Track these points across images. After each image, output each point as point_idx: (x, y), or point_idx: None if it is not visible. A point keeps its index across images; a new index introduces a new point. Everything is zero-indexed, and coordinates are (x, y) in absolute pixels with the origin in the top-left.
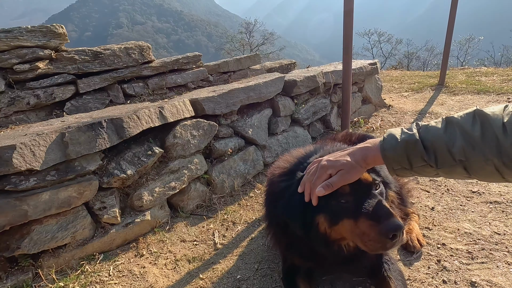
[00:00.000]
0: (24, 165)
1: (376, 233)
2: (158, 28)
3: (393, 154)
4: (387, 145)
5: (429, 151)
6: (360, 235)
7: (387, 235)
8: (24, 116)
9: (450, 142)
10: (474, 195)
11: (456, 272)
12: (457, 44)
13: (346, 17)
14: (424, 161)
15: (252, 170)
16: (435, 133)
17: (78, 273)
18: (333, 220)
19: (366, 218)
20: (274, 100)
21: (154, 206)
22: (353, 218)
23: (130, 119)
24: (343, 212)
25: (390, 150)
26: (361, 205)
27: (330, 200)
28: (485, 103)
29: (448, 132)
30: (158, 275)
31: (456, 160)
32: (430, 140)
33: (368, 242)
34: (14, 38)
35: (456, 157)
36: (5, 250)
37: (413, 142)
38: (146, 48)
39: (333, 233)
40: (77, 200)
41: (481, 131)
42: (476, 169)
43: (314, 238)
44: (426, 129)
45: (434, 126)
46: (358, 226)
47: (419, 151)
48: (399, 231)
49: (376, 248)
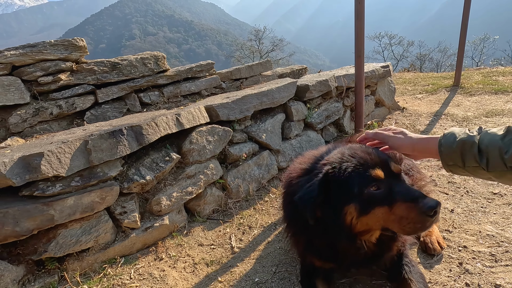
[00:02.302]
0: (51, 172)
1: (416, 213)
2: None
3: (448, 150)
4: (445, 141)
5: (482, 154)
6: (398, 220)
7: (428, 213)
8: (48, 126)
9: (504, 148)
10: (495, 196)
11: (479, 275)
12: (471, 44)
13: (357, 20)
14: (477, 163)
15: (266, 175)
16: (492, 138)
17: (101, 276)
18: (363, 210)
19: (403, 201)
20: (287, 105)
21: (172, 210)
22: (387, 204)
23: (149, 126)
24: (375, 200)
25: (447, 146)
26: (394, 191)
27: (362, 188)
28: (503, 103)
29: (505, 139)
30: (177, 278)
31: (507, 167)
32: (485, 144)
33: (407, 225)
34: (38, 52)
35: (507, 163)
36: (33, 254)
37: (470, 143)
38: (161, 58)
39: (359, 225)
40: (99, 205)
41: None
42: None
43: (338, 230)
44: (486, 133)
45: (494, 132)
46: (394, 211)
47: (473, 152)
48: (439, 206)
49: (416, 229)
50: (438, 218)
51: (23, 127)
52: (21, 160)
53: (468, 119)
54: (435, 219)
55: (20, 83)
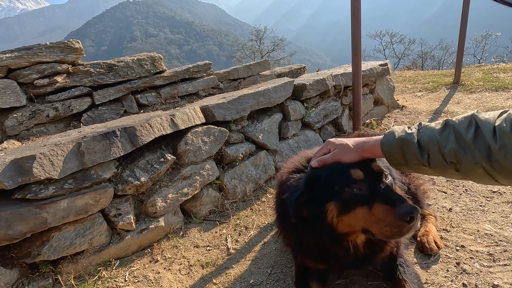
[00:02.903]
0: (43, 174)
1: (393, 217)
2: (171, 39)
3: (389, 150)
4: (385, 140)
5: (423, 150)
6: (376, 221)
7: (404, 218)
8: (44, 128)
9: (442, 143)
10: (494, 195)
11: (477, 275)
12: (473, 42)
13: (353, 18)
14: (418, 160)
15: (263, 175)
16: (431, 134)
17: (96, 278)
18: (344, 209)
19: (381, 203)
20: (284, 105)
21: (168, 212)
22: (367, 205)
23: (143, 127)
24: (356, 199)
25: (387, 146)
26: (375, 191)
27: (343, 186)
28: (504, 100)
29: (443, 134)
30: (172, 280)
31: (448, 162)
32: (425, 140)
33: (384, 228)
34: (34, 55)
35: (447, 158)
36: (26, 257)
37: (408, 141)
38: (158, 59)
39: (341, 224)
40: (94, 207)
41: (473, 135)
42: (467, 172)
43: (321, 229)
44: (425, 129)
45: (432, 127)
46: (373, 212)
47: (413, 150)
48: (416, 213)
49: (393, 234)
50: (416, 225)
51: (19, 130)
52: (13, 163)
53: None
54: (412, 225)
55: (16, 86)
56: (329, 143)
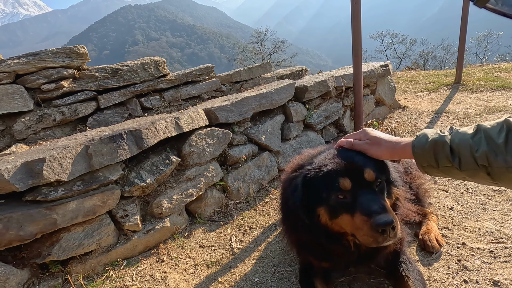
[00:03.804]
0: (53, 176)
1: (368, 228)
2: (172, 42)
3: (421, 151)
4: (417, 143)
5: (454, 153)
6: (356, 229)
7: (377, 230)
8: (51, 132)
9: (474, 147)
10: (495, 193)
11: (478, 272)
12: (475, 41)
13: (353, 20)
14: (450, 162)
15: (266, 176)
16: (463, 137)
17: (104, 278)
18: (332, 214)
19: (360, 213)
20: (286, 106)
21: (173, 213)
22: (350, 213)
23: (148, 130)
24: (341, 207)
25: (419, 148)
26: (358, 201)
27: (331, 194)
28: (505, 99)
29: (475, 138)
30: (178, 280)
31: (479, 165)
32: (457, 143)
33: (363, 237)
34: (41, 60)
35: (478, 161)
36: (37, 257)
37: (441, 143)
38: (161, 63)
39: (334, 226)
40: (101, 208)
41: (505, 139)
42: (499, 175)
43: (317, 229)
44: (457, 133)
45: (464, 131)
46: (354, 220)
47: (445, 152)
48: (388, 226)
49: (370, 242)
50: (393, 236)
51: (27, 134)
52: (24, 165)
53: (469, 116)
54: (386, 236)
55: (24, 91)
56: (363, 132)
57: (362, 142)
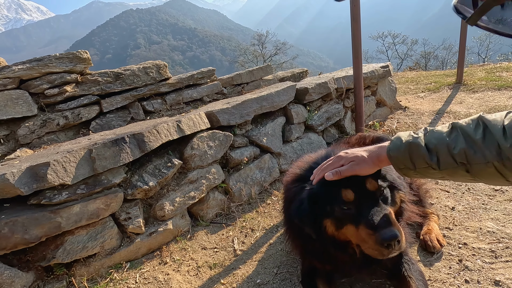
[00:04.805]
0: (57, 180)
1: (373, 242)
2: (174, 46)
3: (397, 154)
4: (392, 146)
5: (432, 153)
6: (361, 241)
7: (382, 244)
8: (55, 136)
9: (452, 145)
10: (496, 193)
11: (479, 272)
12: (477, 40)
13: (353, 22)
14: (427, 163)
15: (268, 178)
16: (439, 136)
17: (107, 281)
18: (338, 225)
19: (365, 226)
20: (287, 108)
21: (176, 215)
22: (354, 225)
23: (151, 134)
24: (346, 218)
25: (394, 151)
26: (362, 213)
27: (334, 206)
28: (506, 99)
29: (451, 136)
30: (181, 281)
31: (458, 163)
32: (433, 143)
33: (368, 249)
34: (44, 66)
35: (457, 159)
36: (42, 260)
37: (416, 144)
38: (163, 66)
39: (341, 236)
40: (105, 211)
41: (482, 135)
42: (478, 172)
43: (324, 240)
44: (432, 132)
45: (439, 130)
46: (359, 232)
47: (422, 153)
48: (393, 240)
49: (375, 255)
50: (398, 248)
51: (31, 138)
52: (29, 170)
53: (471, 116)
54: (391, 250)
55: (28, 96)
56: (339, 157)
57: (348, 166)
